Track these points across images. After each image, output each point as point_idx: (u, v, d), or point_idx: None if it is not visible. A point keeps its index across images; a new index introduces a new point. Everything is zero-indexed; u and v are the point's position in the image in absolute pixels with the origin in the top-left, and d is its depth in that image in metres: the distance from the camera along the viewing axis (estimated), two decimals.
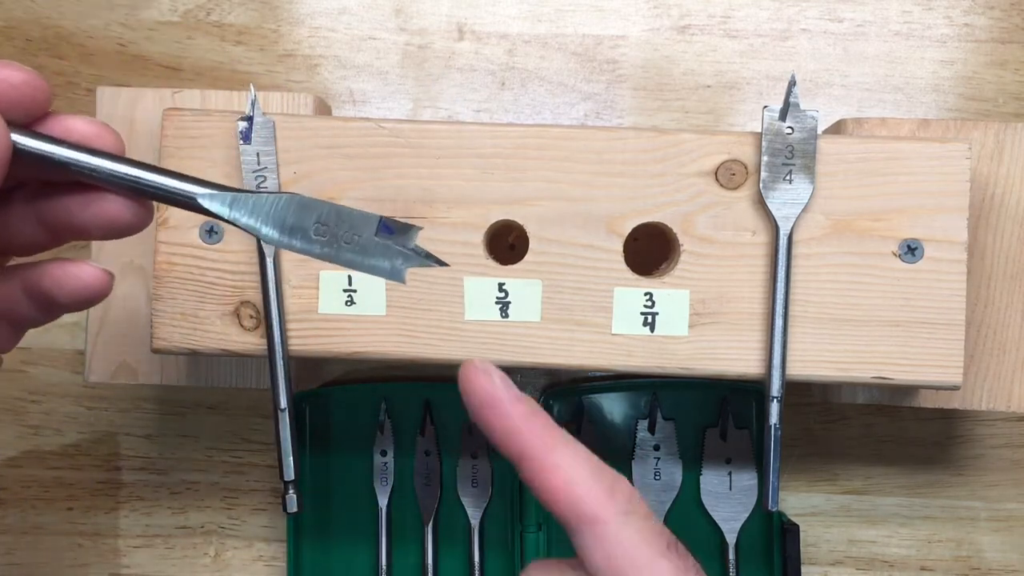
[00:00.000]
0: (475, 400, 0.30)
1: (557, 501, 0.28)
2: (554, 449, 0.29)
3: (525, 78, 0.54)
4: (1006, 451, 0.53)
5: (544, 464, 0.29)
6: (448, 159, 0.42)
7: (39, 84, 0.25)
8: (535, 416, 0.29)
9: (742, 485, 0.51)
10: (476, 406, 0.30)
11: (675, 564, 0.28)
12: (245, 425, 0.54)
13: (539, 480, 0.29)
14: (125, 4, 0.54)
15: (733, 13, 0.53)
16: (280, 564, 0.54)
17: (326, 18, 0.54)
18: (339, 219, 0.27)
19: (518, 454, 0.29)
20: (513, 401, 0.29)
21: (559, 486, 0.28)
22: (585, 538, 0.28)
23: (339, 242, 0.27)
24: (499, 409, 0.29)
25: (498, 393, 0.29)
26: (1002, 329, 0.46)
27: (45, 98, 0.26)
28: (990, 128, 0.45)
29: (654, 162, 0.41)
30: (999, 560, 0.53)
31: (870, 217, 0.41)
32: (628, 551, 0.27)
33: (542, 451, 0.29)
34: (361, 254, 0.27)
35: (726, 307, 0.41)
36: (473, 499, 0.52)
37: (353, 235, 0.27)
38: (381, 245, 0.27)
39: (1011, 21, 0.53)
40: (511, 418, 0.29)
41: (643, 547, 0.27)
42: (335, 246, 0.27)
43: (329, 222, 0.27)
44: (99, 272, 0.27)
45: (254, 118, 0.41)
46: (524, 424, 0.29)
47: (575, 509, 0.28)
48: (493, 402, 0.29)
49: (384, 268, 0.27)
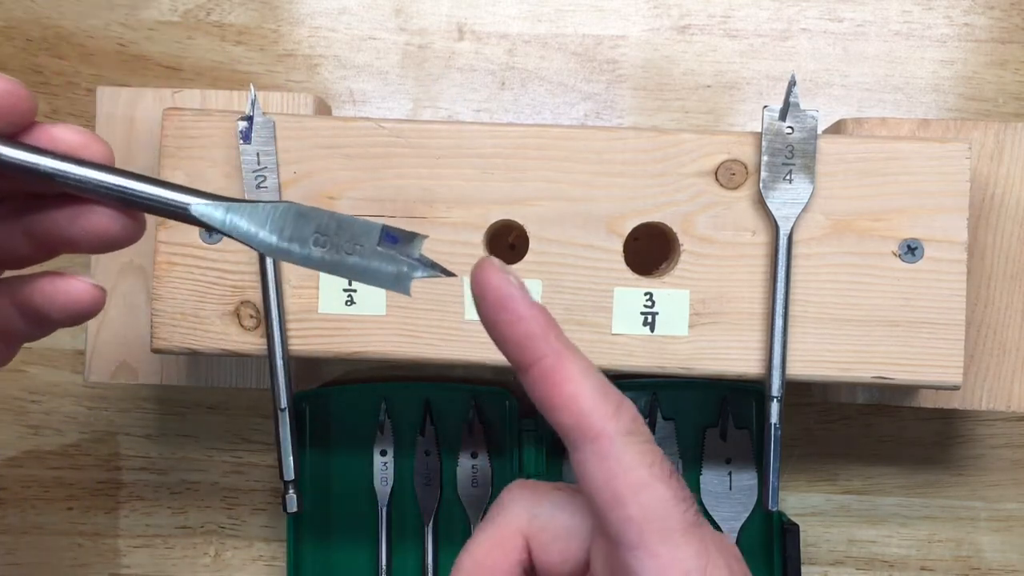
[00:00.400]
0: (489, 299, 0.27)
1: (562, 410, 0.27)
2: (566, 359, 0.27)
3: (525, 78, 0.54)
4: (1006, 451, 0.53)
5: (554, 372, 0.27)
6: (448, 159, 0.42)
7: (21, 93, 0.24)
8: (550, 323, 0.28)
9: (742, 485, 0.51)
10: (489, 305, 0.28)
11: (674, 491, 0.27)
12: (245, 425, 0.54)
13: (546, 388, 0.27)
14: (125, 4, 0.54)
15: (733, 13, 0.53)
16: (280, 564, 0.54)
17: (326, 18, 0.54)
18: (339, 228, 0.25)
19: (529, 360, 0.27)
20: (528, 304, 0.28)
21: (567, 397, 0.27)
22: (585, 454, 0.27)
23: (340, 252, 0.25)
24: (514, 311, 0.27)
25: (514, 293, 0.27)
26: (1002, 329, 0.46)
27: (28, 108, 0.25)
28: (990, 128, 0.45)
29: (654, 162, 0.41)
30: (999, 560, 0.53)
31: (870, 217, 0.41)
32: (628, 471, 0.27)
33: (553, 359, 0.27)
34: (364, 264, 0.25)
35: (726, 307, 0.41)
36: (473, 499, 0.52)
37: (355, 245, 0.25)
38: (385, 255, 0.25)
39: (1011, 21, 0.53)
40: (525, 321, 0.27)
41: (643, 469, 0.27)
42: (336, 256, 0.25)
43: (329, 231, 0.25)
44: (91, 287, 0.26)
45: (254, 118, 0.41)
46: (538, 329, 0.27)
47: (580, 421, 0.27)
48: (508, 302, 0.27)
49: (388, 279, 0.25)
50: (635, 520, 0.26)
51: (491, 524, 0.30)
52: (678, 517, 0.27)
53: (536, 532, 0.29)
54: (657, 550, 0.26)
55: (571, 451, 0.28)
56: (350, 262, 0.25)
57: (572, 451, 0.28)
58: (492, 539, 0.30)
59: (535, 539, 0.29)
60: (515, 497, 0.30)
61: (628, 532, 0.26)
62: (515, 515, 0.30)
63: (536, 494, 0.30)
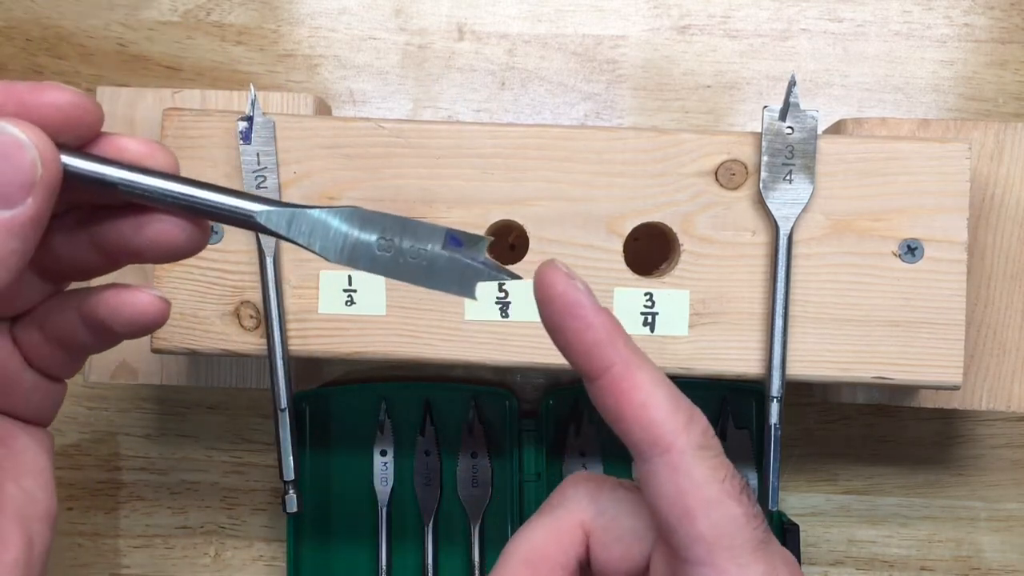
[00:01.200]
0: (556, 305, 0.26)
1: (632, 421, 0.26)
2: (636, 367, 0.27)
3: (525, 78, 0.54)
4: (1006, 451, 0.53)
5: (623, 381, 0.26)
6: (448, 159, 0.42)
7: (89, 106, 0.25)
8: (618, 329, 0.27)
9: None
10: (556, 312, 0.27)
11: (745, 509, 0.26)
12: (245, 425, 0.54)
13: (615, 397, 0.26)
14: (125, 4, 0.54)
15: (733, 13, 0.53)
16: (280, 564, 0.54)
17: (326, 18, 0.54)
18: (404, 232, 0.25)
19: (597, 368, 0.27)
20: (597, 311, 0.27)
21: (637, 406, 0.26)
22: (655, 466, 0.26)
23: (405, 256, 0.25)
24: (582, 318, 0.26)
25: (582, 299, 0.26)
26: (1002, 329, 0.46)
27: (95, 119, 0.25)
28: (990, 128, 0.45)
29: (654, 162, 0.41)
30: (999, 560, 0.53)
31: (870, 217, 0.41)
32: (700, 486, 0.26)
33: (622, 367, 0.26)
34: (428, 269, 0.25)
35: (726, 307, 0.41)
36: (473, 499, 0.52)
37: (419, 249, 0.25)
38: (450, 259, 0.25)
39: (1011, 21, 0.53)
40: (594, 329, 0.26)
41: (715, 485, 0.26)
42: (400, 260, 0.25)
43: (393, 235, 0.25)
44: (155, 299, 0.26)
45: (254, 118, 0.41)
46: (606, 335, 0.26)
47: (650, 432, 0.26)
48: (576, 309, 0.26)
49: (454, 284, 0.25)
50: (705, 538, 0.26)
51: (552, 513, 0.29)
52: (748, 535, 0.26)
53: (599, 529, 0.29)
54: (726, 567, 0.26)
55: (639, 462, 0.27)
56: (413, 266, 0.25)
57: (640, 462, 0.27)
58: (553, 529, 0.29)
59: (597, 536, 0.29)
60: (580, 490, 0.29)
61: (697, 548, 0.26)
62: (579, 508, 0.29)
63: (601, 489, 0.29)
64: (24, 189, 0.23)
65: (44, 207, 0.23)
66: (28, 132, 0.23)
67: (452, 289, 0.25)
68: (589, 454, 0.52)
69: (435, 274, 0.25)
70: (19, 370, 0.27)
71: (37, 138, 0.23)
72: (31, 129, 0.23)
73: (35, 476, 0.27)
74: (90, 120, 0.25)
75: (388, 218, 0.25)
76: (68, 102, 0.24)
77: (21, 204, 0.23)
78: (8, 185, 0.23)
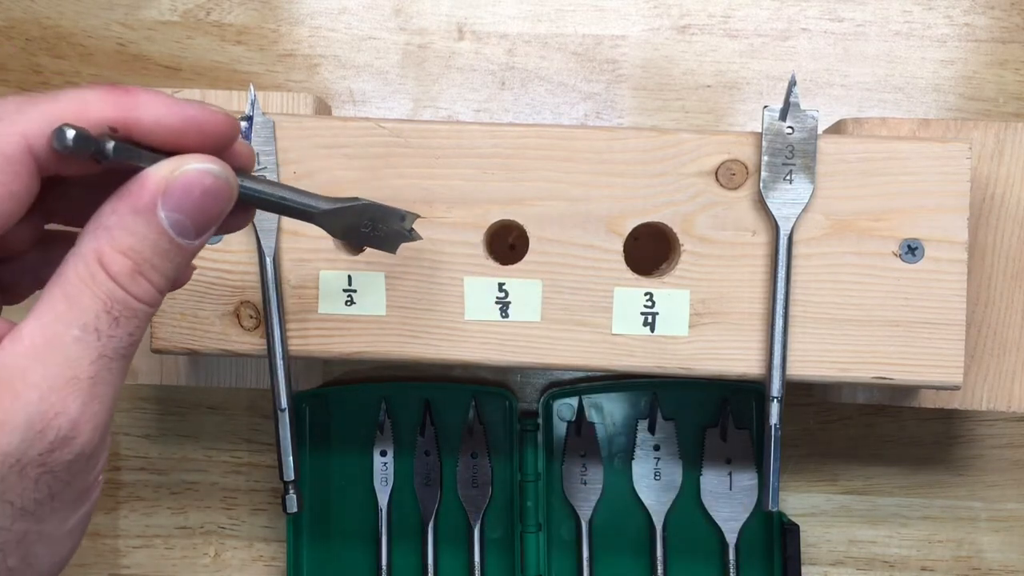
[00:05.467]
0: None
1: None
2: None
3: (525, 78, 0.54)
4: (1006, 451, 0.53)
5: None
6: (448, 159, 0.42)
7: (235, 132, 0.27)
8: None
9: (742, 485, 0.51)
10: None
11: None
12: (245, 425, 0.54)
13: None
14: (125, 4, 0.54)
15: (733, 13, 0.53)
16: (280, 564, 0.54)
17: (326, 18, 0.54)
18: (383, 215, 0.34)
19: None
20: None
21: None
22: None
23: (376, 232, 0.34)
24: None
25: None
26: (1002, 329, 0.46)
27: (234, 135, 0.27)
28: (990, 128, 0.45)
29: (654, 162, 0.41)
30: (999, 560, 0.53)
31: (870, 217, 0.41)
32: None
33: None
34: (383, 239, 0.34)
35: (726, 307, 0.41)
36: (473, 499, 0.52)
37: (384, 227, 0.34)
38: (395, 231, 0.35)
39: (1011, 21, 0.53)
40: None
41: None
42: (371, 235, 0.34)
43: (376, 220, 0.34)
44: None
45: (254, 118, 0.41)
46: None
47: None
48: None
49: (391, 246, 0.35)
50: None
51: None
52: None
53: None
54: None
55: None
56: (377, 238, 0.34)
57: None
58: None
59: None
60: None
61: None
62: None
63: None
64: (216, 222, 0.26)
65: None
66: (230, 174, 0.26)
67: (389, 249, 0.35)
68: (589, 454, 0.52)
69: (385, 241, 0.35)
70: None
71: (233, 178, 0.26)
72: (230, 170, 0.26)
73: None
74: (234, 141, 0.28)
75: (375, 207, 0.34)
76: (224, 121, 0.27)
77: (206, 233, 0.26)
78: (209, 220, 0.26)
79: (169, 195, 0.25)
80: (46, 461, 0.24)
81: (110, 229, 0.25)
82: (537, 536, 0.51)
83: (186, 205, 0.25)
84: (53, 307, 0.24)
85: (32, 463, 0.24)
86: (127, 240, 0.25)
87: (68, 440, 0.24)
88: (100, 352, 0.25)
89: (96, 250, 0.25)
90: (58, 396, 0.24)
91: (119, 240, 0.25)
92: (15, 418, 0.24)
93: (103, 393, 0.25)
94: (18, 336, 0.24)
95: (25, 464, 0.24)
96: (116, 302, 0.25)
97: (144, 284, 0.25)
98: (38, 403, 0.24)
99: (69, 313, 0.24)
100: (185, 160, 0.25)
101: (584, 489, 0.51)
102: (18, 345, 0.24)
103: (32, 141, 0.24)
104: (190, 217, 0.25)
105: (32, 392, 0.24)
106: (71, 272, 0.25)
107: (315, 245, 0.42)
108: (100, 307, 0.25)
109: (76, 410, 0.24)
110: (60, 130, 0.23)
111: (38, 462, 0.24)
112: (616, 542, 0.52)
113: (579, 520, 0.51)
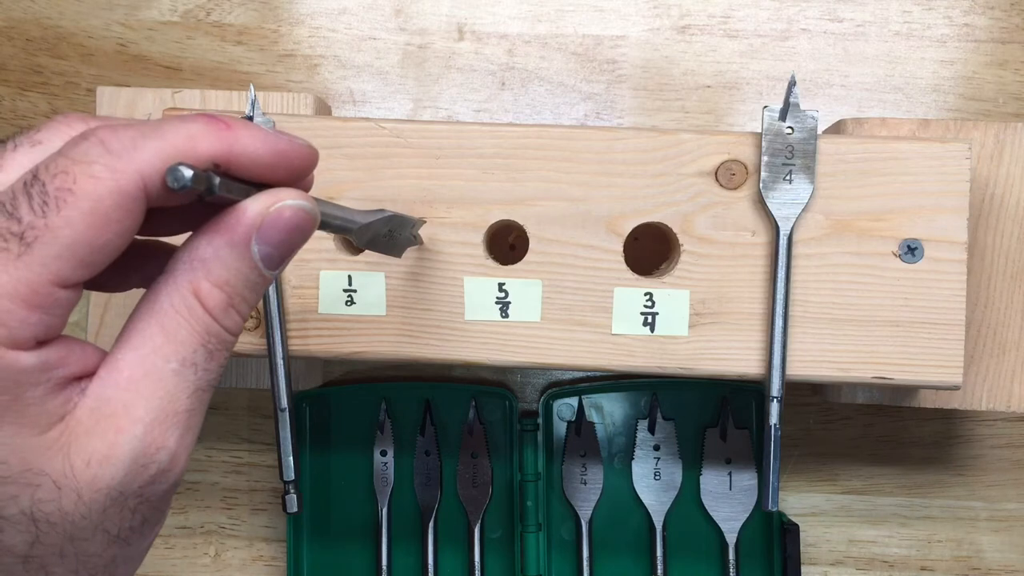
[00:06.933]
0: None
1: None
2: None
3: (525, 78, 0.54)
4: (1006, 451, 0.53)
5: None
6: (448, 159, 0.42)
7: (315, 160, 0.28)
8: None
9: (742, 485, 0.51)
10: None
11: None
12: (245, 425, 0.54)
13: None
14: (125, 4, 0.54)
15: (733, 13, 0.53)
16: (280, 564, 0.54)
17: (326, 18, 0.54)
18: (399, 223, 0.36)
19: None
20: None
21: None
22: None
23: (392, 238, 0.36)
24: None
25: None
26: (1002, 329, 0.46)
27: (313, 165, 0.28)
28: (990, 128, 0.45)
29: (654, 162, 0.41)
30: (999, 560, 0.53)
31: (870, 217, 0.41)
32: None
33: None
34: (394, 244, 0.36)
35: (726, 307, 0.41)
36: (473, 499, 0.52)
37: (398, 233, 0.36)
38: (405, 237, 0.38)
39: (1011, 21, 0.53)
40: None
41: None
42: (388, 241, 0.35)
43: (393, 228, 0.35)
44: None
45: (254, 118, 0.41)
46: None
47: None
48: None
49: (399, 251, 0.37)
50: None
51: None
52: None
53: None
54: None
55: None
56: (391, 244, 0.36)
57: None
58: None
59: None
60: None
61: None
62: None
63: None
64: (296, 252, 0.27)
65: None
66: (315, 208, 0.27)
67: (396, 254, 0.37)
68: (589, 454, 0.52)
69: (396, 247, 0.37)
70: None
71: (318, 212, 0.27)
72: (315, 204, 0.27)
73: None
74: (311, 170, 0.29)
75: (398, 217, 0.35)
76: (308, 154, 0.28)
77: (286, 263, 0.27)
78: (293, 251, 0.26)
79: (264, 230, 0.25)
80: (144, 492, 0.25)
81: (206, 262, 0.25)
82: (537, 536, 0.51)
83: (276, 239, 0.26)
84: (150, 339, 0.25)
85: (132, 495, 0.25)
86: (223, 274, 0.25)
87: (166, 472, 0.25)
88: (196, 386, 0.25)
89: (192, 283, 0.25)
90: (160, 430, 0.25)
91: (215, 274, 0.25)
92: (119, 452, 0.24)
93: (196, 424, 0.26)
94: (115, 367, 0.25)
95: (127, 496, 0.25)
96: (212, 336, 0.25)
97: (235, 317, 0.26)
98: (142, 438, 0.24)
99: (167, 346, 0.25)
100: (279, 196, 0.26)
101: (584, 489, 0.51)
102: (117, 376, 0.24)
103: (147, 180, 0.24)
104: (278, 250, 0.26)
105: (137, 427, 0.24)
106: (167, 304, 0.25)
107: (315, 245, 0.42)
108: (197, 341, 0.25)
109: (175, 443, 0.25)
110: (176, 170, 0.23)
111: (137, 493, 0.25)
112: (616, 542, 0.52)
113: (579, 520, 0.51)
